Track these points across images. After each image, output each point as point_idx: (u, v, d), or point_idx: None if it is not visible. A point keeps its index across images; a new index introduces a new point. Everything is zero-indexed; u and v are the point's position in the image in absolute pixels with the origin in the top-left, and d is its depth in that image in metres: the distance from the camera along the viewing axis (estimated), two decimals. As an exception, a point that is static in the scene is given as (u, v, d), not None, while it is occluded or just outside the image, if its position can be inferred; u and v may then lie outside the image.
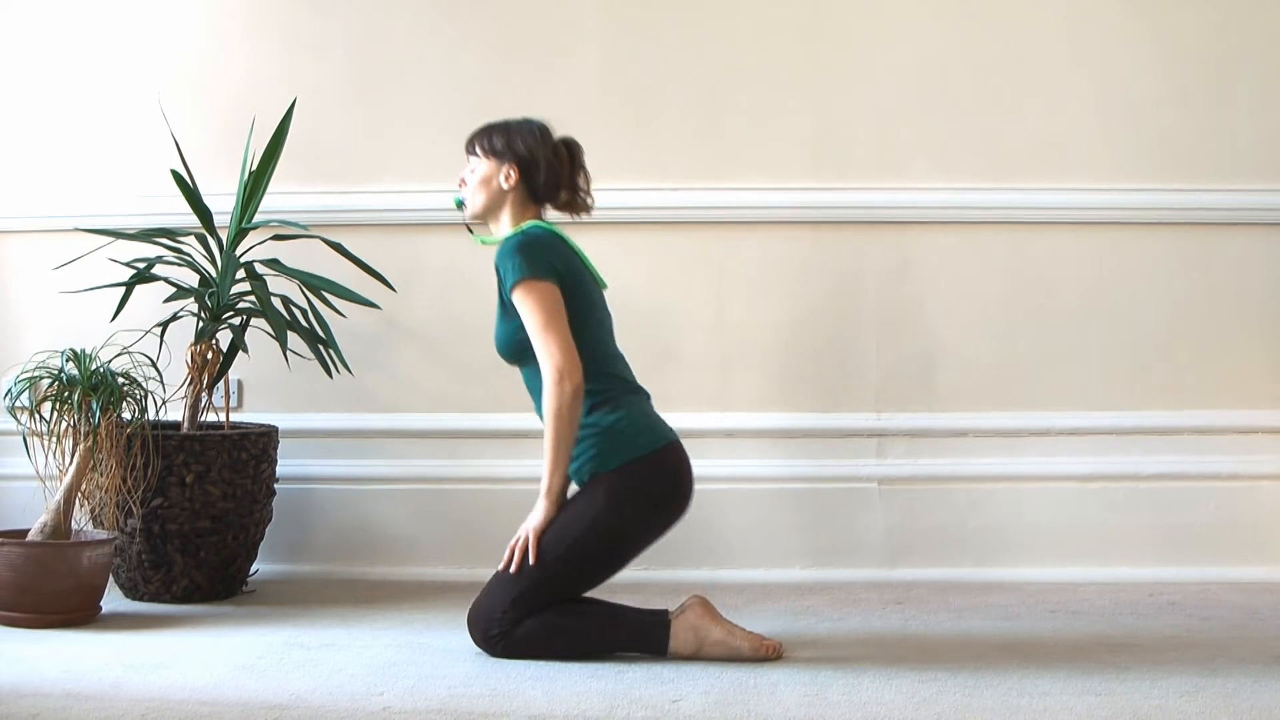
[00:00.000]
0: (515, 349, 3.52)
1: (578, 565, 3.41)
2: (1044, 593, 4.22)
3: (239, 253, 4.19)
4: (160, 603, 4.01)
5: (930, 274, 4.48)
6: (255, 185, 4.18)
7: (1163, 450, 4.47)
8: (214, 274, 4.18)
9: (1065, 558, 4.41)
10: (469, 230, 3.69)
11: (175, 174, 4.12)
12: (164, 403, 4.06)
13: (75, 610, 3.73)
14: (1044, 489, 4.45)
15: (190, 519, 4.00)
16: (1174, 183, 4.46)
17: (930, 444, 4.47)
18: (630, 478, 3.43)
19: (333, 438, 4.50)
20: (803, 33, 4.49)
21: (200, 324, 4.15)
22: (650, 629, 3.41)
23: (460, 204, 3.64)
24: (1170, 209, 4.46)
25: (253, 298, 4.12)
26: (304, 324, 4.17)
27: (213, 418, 4.19)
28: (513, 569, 3.39)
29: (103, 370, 3.91)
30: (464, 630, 3.50)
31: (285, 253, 4.26)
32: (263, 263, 4.20)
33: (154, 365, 4.08)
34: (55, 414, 3.86)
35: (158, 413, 4.05)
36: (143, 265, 4.16)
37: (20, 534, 3.83)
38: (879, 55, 4.48)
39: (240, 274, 4.16)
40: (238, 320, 4.18)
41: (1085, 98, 4.47)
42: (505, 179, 3.56)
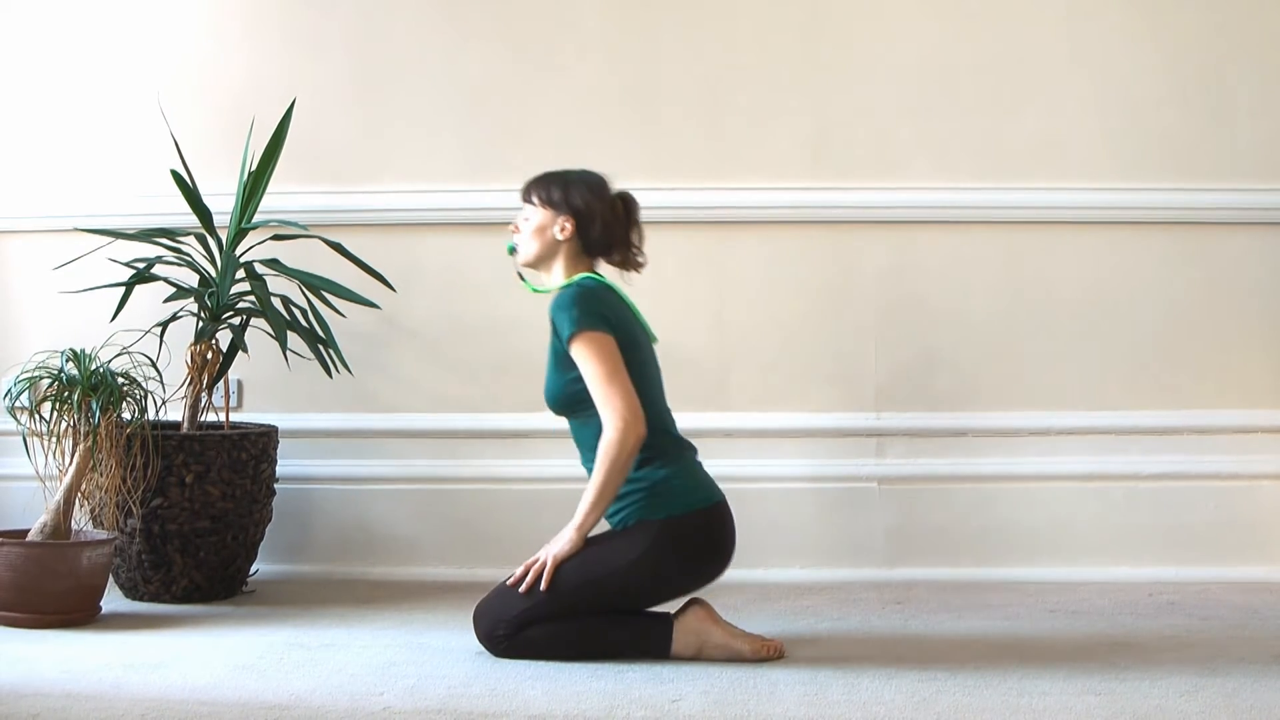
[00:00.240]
0: (567, 401, 3.47)
1: (592, 597, 3.38)
2: (1044, 593, 4.21)
3: (239, 253, 4.19)
4: (160, 603, 4.00)
5: (930, 274, 4.48)
6: (255, 185, 4.18)
7: (1162, 450, 4.46)
8: (214, 274, 4.18)
9: (1065, 558, 4.41)
10: (520, 277, 3.64)
11: (175, 174, 4.11)
12: (164, 403, 4.06)
13: (75, 610, 3.73)
14: (1043, 489, 4.45)
15: (190, 519, 4.00)
16: (1174, 182, 4.46)
17: (930, 444, 4.47)
18: (674, 529, 3.39)
19: (332, 438, 4.50)
20: (803, 33, 4.49)
21: (200, 324, 4.15)
22: (653, 632, 3.40)
23: (513, 250, 3.59)
24: (1170, 209, 4.46)
25: (252, 298, 4.12)
26: (304, 324, 4.17)
27: (212, 418, 4.19)
28: (523, 589, 3.38)
29: (102, 370, 3.91)
30: (464, 630, 3.50)
31: (285, 253, 4.26)
32: (262, 263, 4.20)
33: (154, 365, 4.07)
34: (55, 414, 3.86)
35: (158, 413, 4.05)
36: (142, 265, 4.16)
37: (20, 534, 3.83)
38: (879, 55, 4.48)
39: (240, 274, 4.16)
40: (237, 320, 4.18)
41: (1085, 98, 4.47)
42: (560, 231, 3.52)
